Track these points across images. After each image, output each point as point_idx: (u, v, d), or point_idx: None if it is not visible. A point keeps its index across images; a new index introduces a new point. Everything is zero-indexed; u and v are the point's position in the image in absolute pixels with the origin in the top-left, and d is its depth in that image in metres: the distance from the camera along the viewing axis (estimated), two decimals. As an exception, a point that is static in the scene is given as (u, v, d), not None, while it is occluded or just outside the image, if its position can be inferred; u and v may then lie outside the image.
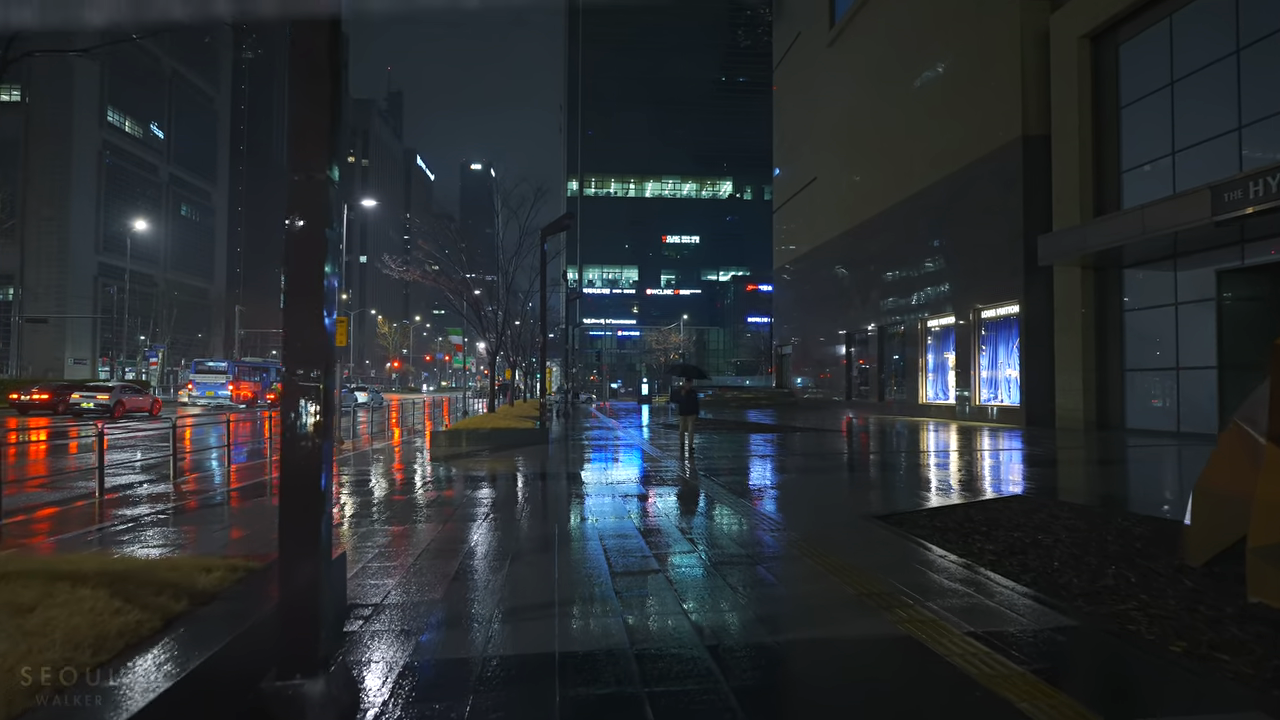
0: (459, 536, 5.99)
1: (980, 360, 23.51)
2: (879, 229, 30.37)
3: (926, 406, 26.66)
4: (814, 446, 15.26)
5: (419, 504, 7.65)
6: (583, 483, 9.37)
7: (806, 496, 8.43)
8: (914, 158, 27.25)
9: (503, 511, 7.21)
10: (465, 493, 8.42)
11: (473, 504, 7.62)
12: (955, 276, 24.65)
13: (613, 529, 6.29)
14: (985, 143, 22.82)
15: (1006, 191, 21.76)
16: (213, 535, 6.04)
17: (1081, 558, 5.17)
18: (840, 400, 35.18)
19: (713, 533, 6.21)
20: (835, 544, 5.59)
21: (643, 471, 10.65)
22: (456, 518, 6.81)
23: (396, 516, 6.92)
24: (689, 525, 6.55)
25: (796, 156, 41.75)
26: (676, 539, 5.93)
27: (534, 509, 7.40)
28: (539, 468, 11.20)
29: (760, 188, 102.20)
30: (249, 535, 6.02)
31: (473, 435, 15.41)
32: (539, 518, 6.89)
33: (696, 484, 8.88)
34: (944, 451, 13.83)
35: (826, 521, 6.68)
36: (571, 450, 14.31)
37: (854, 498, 8.37)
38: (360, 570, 4.89)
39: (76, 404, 24.92)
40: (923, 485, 9.23)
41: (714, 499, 7.94)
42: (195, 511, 7.15)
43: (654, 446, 14.99)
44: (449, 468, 11.18)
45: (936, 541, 5.72)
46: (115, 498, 7.83)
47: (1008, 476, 10.43)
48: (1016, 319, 21.57)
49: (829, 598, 4.25)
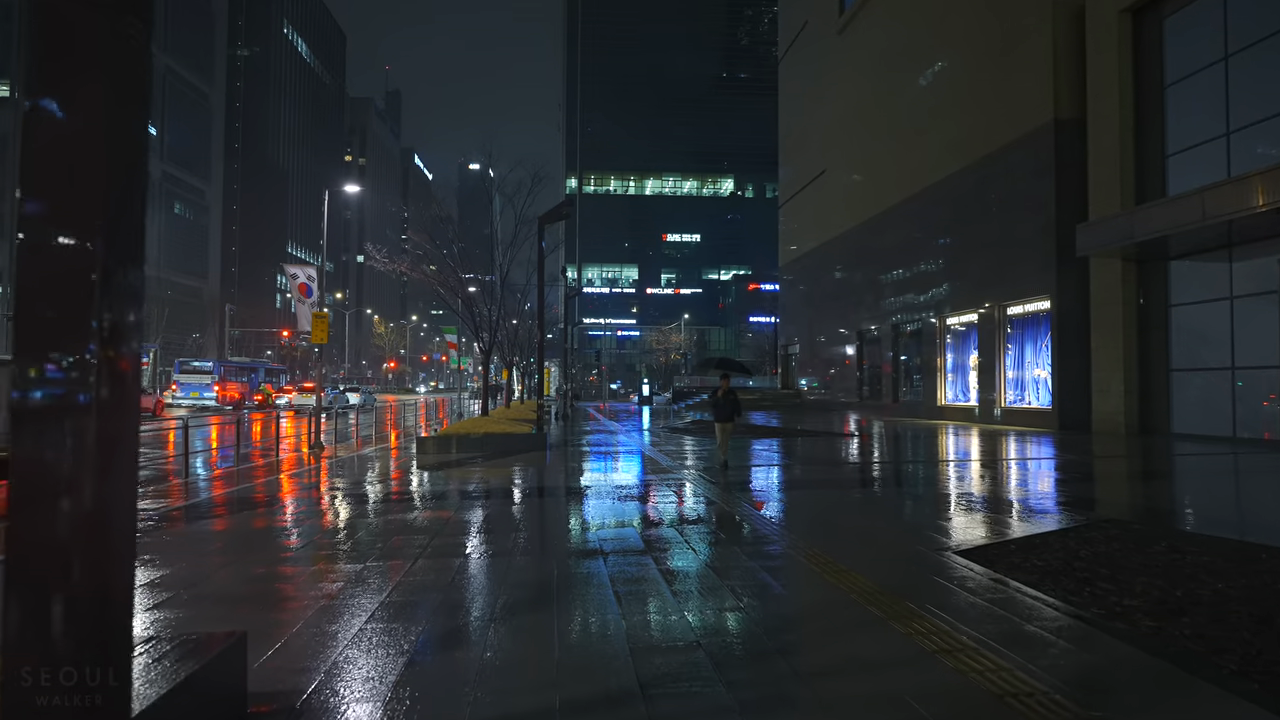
0: (429, 584, 4.62)
1: (1005, 360, 22.14)
2: (893, 223, 29.02)
3: (944, 409, 25.29)
4: (841, 454, 13.89)
5: (389, 531, 6.27)
6: (587, 502, 7.99)
7: (864, 524, 7.03)
8: (932, 147, 25.89)
9: (490, 543, 5.83)
10: (447, 515, 7.05)
11: (454, 532, 6.24)
12: (978, 271, 23.28)
13: (629, 573, 4.92)
14: (1012, 128, 21.46)
15: (1036, 180, 20.41)
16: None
17: (1274, 621, 3.80)
18: (850, 402, 33.82)
19: (761, 582, 4.83)
20: (928, 597, 4.22)
21: (659, 489, 9.28)
22: (431, 552, 5.43)
23: (356, 551, 5.55)
24: (724, 565, 5.18)
25: (803, 150, 40.38)
26: (713, 589, 4.55)
27: (529, 540, 6.02)
28: (535, 481, 9.82)
29: (762, 185, 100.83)
30: (165, 581, 4.64)
31: (464, 441, 14.03)
32: (534, 554, 5.52)
33: (732, 510, 7.48)
34: (988, 461, 12.47)
35: (903, 560, 5.31)
36: (572, 459, 12.93)
37: (918, 523, 6.98)
38: (284, 645, 3.51)
39: None
40: (987, 504, 7.86)
41: (753, 528, 6.56)
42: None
43: (663, 454, 13.61)
44: (434, 480, 9.81)
45: (1051, 591, 4.35)
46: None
47: (1076, 492, 9.06)
48: (1047, 315, 20.21)
49: (959, 700, 2.88)
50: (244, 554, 5.52)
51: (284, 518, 7.15)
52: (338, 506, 7.82)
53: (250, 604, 4.24)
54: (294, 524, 6.81)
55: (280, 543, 5.98)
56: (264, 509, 7.58)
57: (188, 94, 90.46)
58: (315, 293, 15.98)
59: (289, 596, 4.40)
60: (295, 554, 5.52)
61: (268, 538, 6.14)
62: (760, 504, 7.67)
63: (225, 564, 5.23)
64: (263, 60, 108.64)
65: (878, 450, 14.78)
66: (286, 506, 7.83)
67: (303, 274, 16.00)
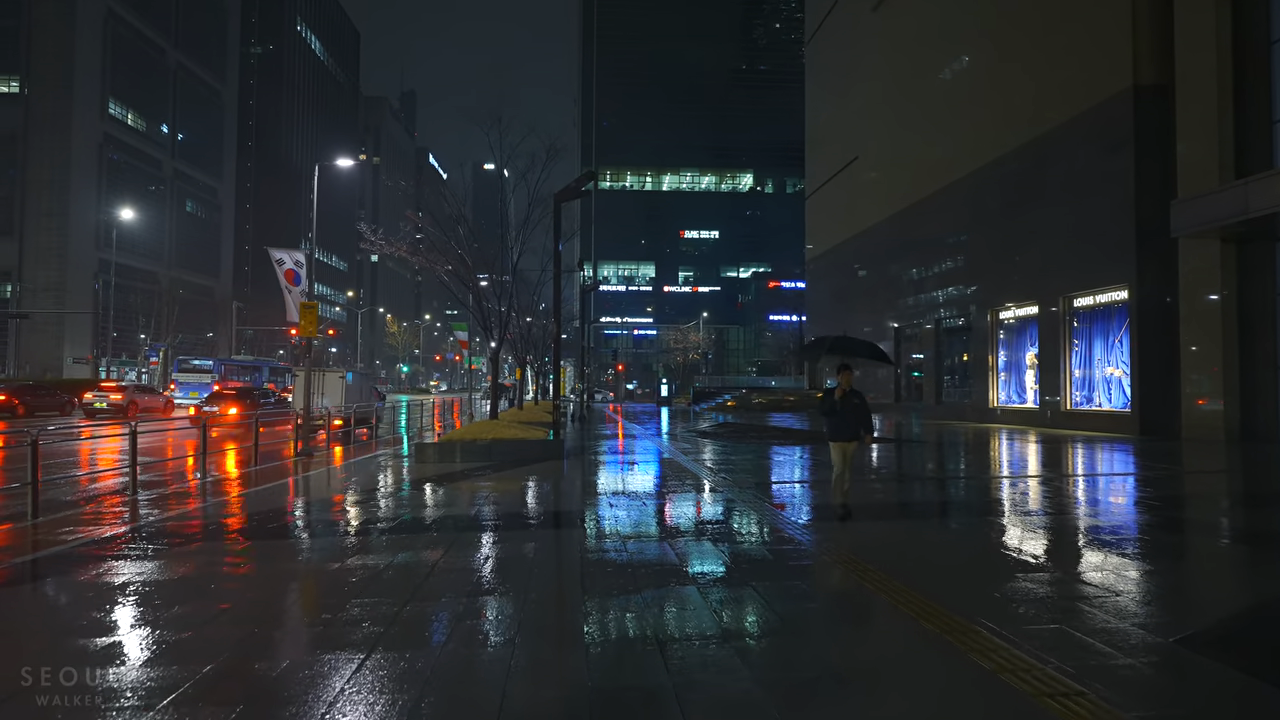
0: (381, 707, 2.70)
1: (1071, 356, 19.95)
2: (936, 209, 26.83)
3: (997, 411, 23.10)
4: (924, 467, 11.86)
5: (339, 588, 4.37)
6: (619, 542, 6.05)
7: (1038, 594, 5.02)
8: (983, 125, 23.71)
9: (485, 615, 3.91)
10: (429, 559, 5.14)
11: (434, 593, 4.32)
12: (1037, 260, 21.09)
13: (706, 680, 2.97)
14: (1080, 99, 19.26)
15: (1110, 154, 18.21)
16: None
17: None
18: (885, 403, 31.64)
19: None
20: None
21: (714, 522, 7.34)
22: (399, 629, 3.53)
23: (284, 637, 3.65)
24: (850, 666, 3.21)
25: (832, 137, 38.22)
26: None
27: (541, 612, 4.10)
28: (550, 503, 7.92)
29: (782, 180, 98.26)
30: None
31: (469, 448, 12.19)
32: (550, 640, 3.60)
33: (854, 581, 5.49)
34: (1112, 481, 10.40)
35: (1128, 657, 3.31)
36: (595, 473, 11.01)
37: (1099, 586, 4.97)
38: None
39: (89, 404, 24.59)
40: (1172, 552, 5.84)
41: (887, 602, 4.59)
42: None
43: (708, 469, 11.66)
44: (427, 499, 7.94)
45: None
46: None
47: (1255, 525, 7.02)
48: (1123, 306, 18.02)
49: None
50: (51, 637, 3.63)
51: (203, 566, 5.26)
52: (290, 544, 5.95)
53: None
54: (203, 578, 4.93)
55: (160, 609, 4.09)
56: (173, 550, 5.71)
57: (200, 91, 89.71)
58: (304, 280, 14.22)
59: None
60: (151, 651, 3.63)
61: (141, 599, 4.25)
62: (911, 576, 5.68)
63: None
64: (276, 58, 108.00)
65: (965, 464, 12.74)
66: (218, 540, 5.96)
67: (289, 259, 14.24)
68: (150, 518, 6.81)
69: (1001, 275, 22.88)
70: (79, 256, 70.33)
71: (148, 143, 79.55)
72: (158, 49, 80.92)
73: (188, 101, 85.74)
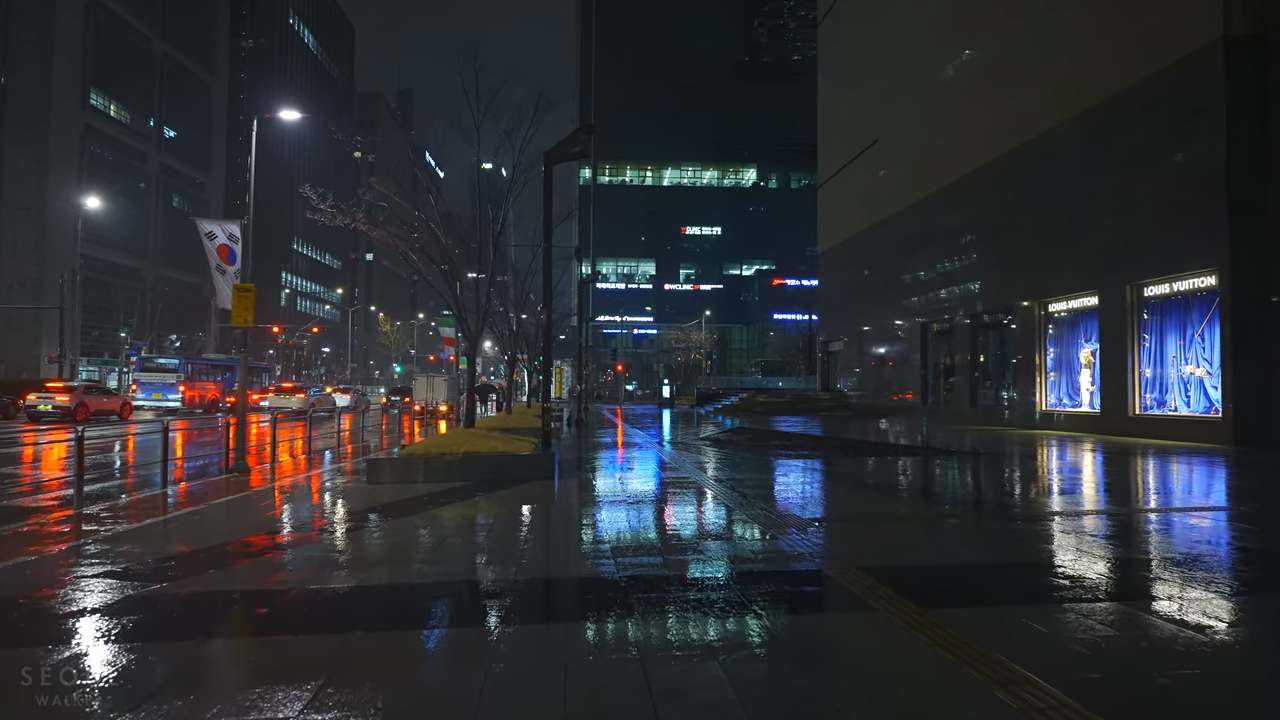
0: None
1: (1140, 353, 17.44)
2: (970, 192, 24.32)
3: (1049, 415, 20.59)
4: (1014, 492, 9.34)
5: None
6: (646, 666, 3.50)
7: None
8: (1029, 95, 21.21)
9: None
10: (348, 665, 2.59)
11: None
12: (1096, 244, 18.58)
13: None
14: (1154, 57, 16.76)
15: (1190, 120, 15.71)
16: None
17: None
18: (910, 407, 29.13)
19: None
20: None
21: (806, 611, 4.82)
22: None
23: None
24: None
25: (848, 120, 35.72)
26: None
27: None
28: (529, 560, 5.33)
29: (787, 175, 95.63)
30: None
31: (435, 465, 9.67)
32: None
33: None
34: (1259, 501, 7.89)
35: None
36: (596, 503, 8.47)
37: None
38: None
39: (33, 406, 22.21)
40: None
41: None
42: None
43: (732, 490, 9.12)
44: (363, 546, 5.38)
45: None
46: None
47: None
48: (1210, 294, 15.52)
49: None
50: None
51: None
52: (110, 653, 3.40)
53: None
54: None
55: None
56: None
57: (188, 83, 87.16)
58: (239, 260, 11.69)
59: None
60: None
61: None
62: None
63: None
64: (268, 51, 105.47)
65: (1068, 484, 10.22)
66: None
67: (222, 233, 11.71)
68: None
69: (1052, 263, 20.36)
70: (57, 252, 67.62)
71: (132, 135, 76.94)
72: (143, 39, 78.33)
73: (175, 94, 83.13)
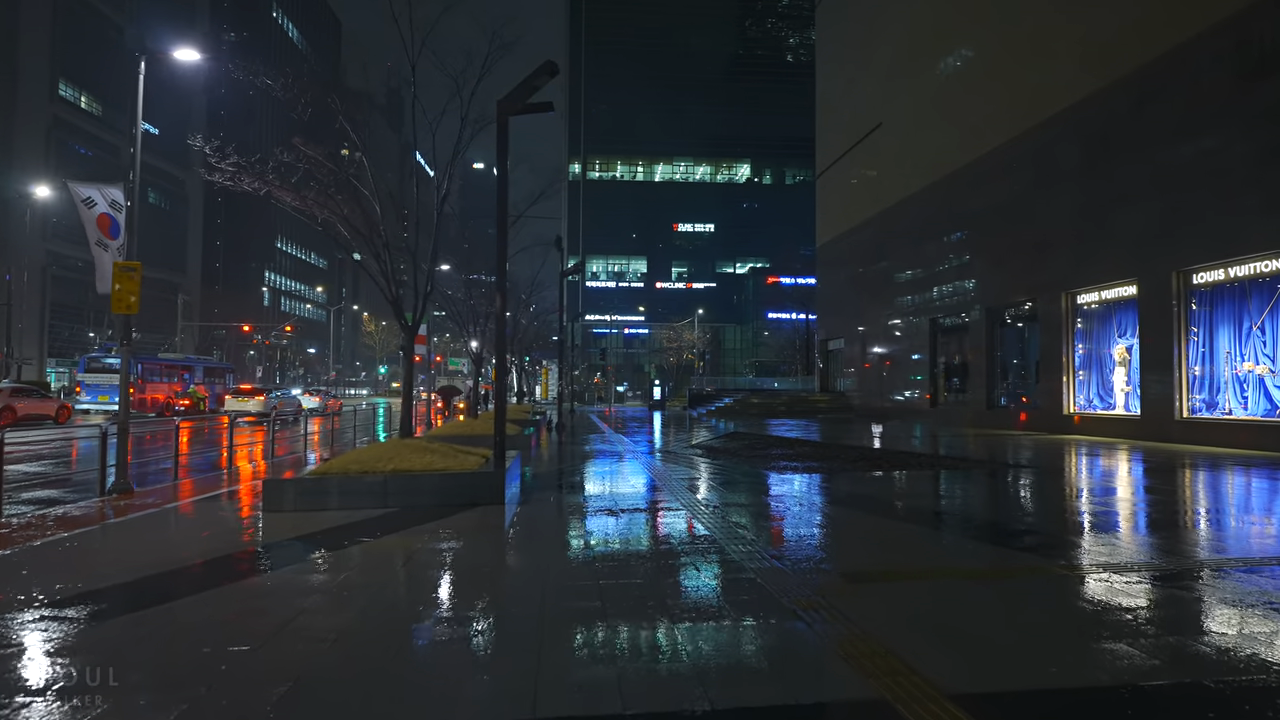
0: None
1: (1187, 349, 15.47)
2: (986, 175, 22.35)
3: (1078, 419, 18.60)
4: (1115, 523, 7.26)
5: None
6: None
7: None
8: (1055, 66, 19.25)
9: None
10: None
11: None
12: (1134, 226, 16.62)
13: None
14: (1205, 11, 14.81)
15: (1256, 79, 13.75)
16: None
17: None
18: (918, 408, 27.14)
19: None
20: None
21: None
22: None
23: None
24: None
25: (849, 105, 33.74)
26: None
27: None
28: (455, 687, 3.14)
29: (781, 171, 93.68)
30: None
31: (352, 487, 7.55)
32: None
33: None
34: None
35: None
36: (546, 546, 6.32)
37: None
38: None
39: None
40: None
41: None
42: None
43: (727, 526, 7.02)
44: (212, 614, 3.18)
45: None
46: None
47: None
48: (1273, 280, 13.56)
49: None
50: None
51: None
52: None
53: None
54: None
55: None
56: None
57: (165, 75, 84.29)
58: (122, 233, 9.55)
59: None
60: None
61: None
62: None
63: None
64: (250, 45, 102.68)
65: (1161, 513, 8.17)
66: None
67: (102, 199, 9.61)
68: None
69: (1081, 249, 18.39)
70: (21, 248, 64.91)
71: (105, 128, 74.28)
72: (116, 28, 75.65)
73: (151, 85, 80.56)
